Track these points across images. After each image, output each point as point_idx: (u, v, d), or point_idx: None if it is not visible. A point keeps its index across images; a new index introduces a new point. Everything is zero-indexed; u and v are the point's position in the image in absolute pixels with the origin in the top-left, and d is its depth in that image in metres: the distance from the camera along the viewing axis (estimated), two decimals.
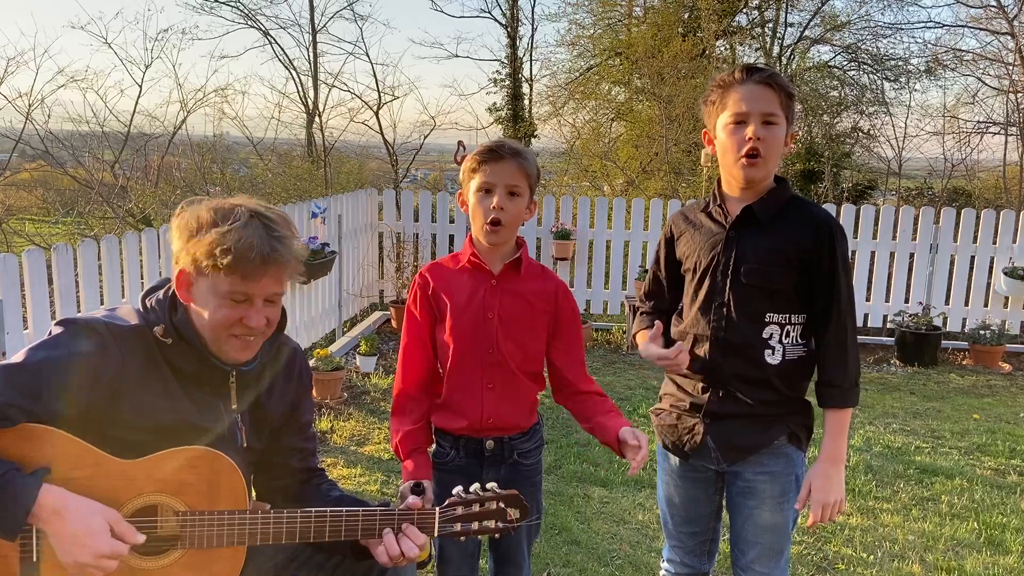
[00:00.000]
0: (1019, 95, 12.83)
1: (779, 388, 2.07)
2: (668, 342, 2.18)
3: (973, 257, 7.11)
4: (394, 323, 7.27)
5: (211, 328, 1.77)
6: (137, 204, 10.91)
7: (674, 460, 2.23)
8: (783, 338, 2.05)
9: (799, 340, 2.08)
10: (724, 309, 2.06)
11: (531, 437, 2.22)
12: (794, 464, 2.12)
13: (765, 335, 2.05)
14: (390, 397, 5.37)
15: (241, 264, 1.69)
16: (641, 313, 2.33)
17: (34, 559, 1.65)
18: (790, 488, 2.11)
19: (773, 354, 2.05)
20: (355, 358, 6.11)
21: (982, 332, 6.83)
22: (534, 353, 2.19)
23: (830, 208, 6.63)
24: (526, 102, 17.01)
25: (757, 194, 2.07)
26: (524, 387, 2.17)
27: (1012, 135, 13.15)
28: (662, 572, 2.40)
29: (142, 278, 4.35)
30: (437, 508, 1.84)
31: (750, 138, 1.97)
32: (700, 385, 2.12)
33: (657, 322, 2.20)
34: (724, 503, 2.26)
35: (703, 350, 2.10)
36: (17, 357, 1.68)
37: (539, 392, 2.25)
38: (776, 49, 15.75)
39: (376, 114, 13.41)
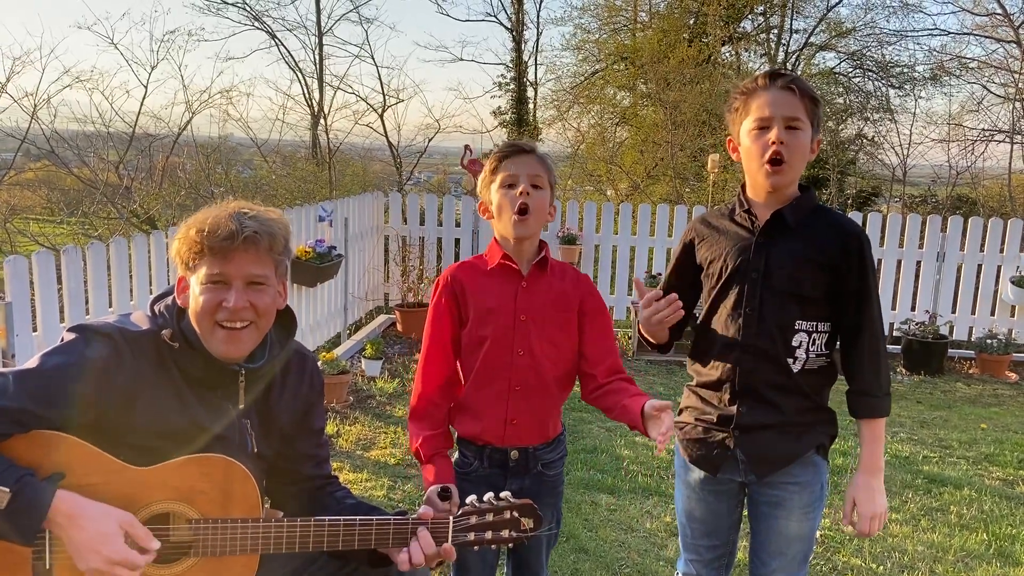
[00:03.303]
0: None
1: (810, 395, 2.06)
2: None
3: (980, 265, 7.09)
4: (399, 327, 7.26)
5: (197, 320, 1.76)
6: (142, 205, 10.92)
7: (697, 474, 2.18)
8: (809, 346, 2.04)
9: (823, 349, 2.06)
10: (756, 314, 2.03)
11: (555, 447, 2.19)
12: (820, 472, 2.11)
13: (794, 343, 2.03)
14: (396, 401, 5.39)
15: (210, 240, 1.72)
16: None
17: (47, 566, 1.64)
18: (817, 496, 2.10)
19: (795, 362, 2.04)
20: (360, 361, 6.10)
21: (989, 341, 6.81)
22: (568, 351, 2.16)
23: None
24: (530, 106, 17.05)
25: (783, 200, 2.04)
26: (550, 392, 2.14)
27: (1017, 143, 13.15)
28: None
29: (150, 281, 4.35)
30: (451, 517, 1.83)
31: (773, 142, 1.95)
32: (727, 396, 2.08)
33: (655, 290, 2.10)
34: (744, 514, 2.24)
35: (731, 356, 2.06)
36: (30, 363, 1.67)
37: (564, 400, 2.22)
38: (781, 55, 15.76)
39: (381, 117, 13.46)
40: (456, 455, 2.21)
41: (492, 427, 2.12)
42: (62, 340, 1.72)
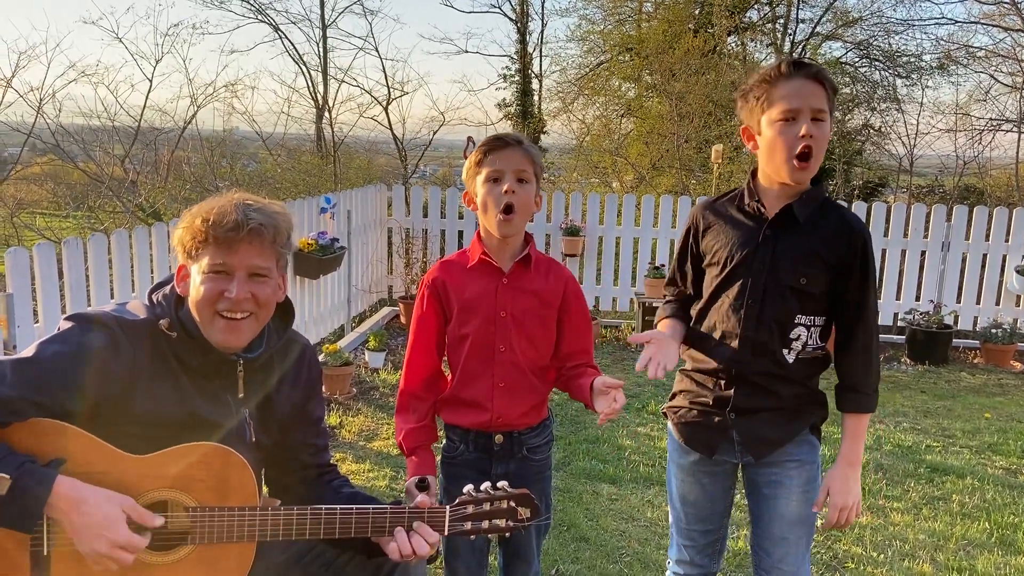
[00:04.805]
0: None
1: (802, 382, 2.07)
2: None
3: (985, 255, 7.07)
4: (403, 319, 7.27)
5: (197, 308, 1.77)
6: (147, 199, 10.95)
7: (691, 457, 2.20)
8: (808, 340, 2.05)
9: (819, 342, 2.07)
10: (758, 308, 2.03)
11: (540, 432, 2.21)
12: (816, 450, 2.13)
13: (792, 336, 2.04)
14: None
15: (215, 230, 1.73)
16: (666, 301, 2.29)
17: (45, 552, 1.65)
18: (815, 476, 2.11)
19: (789, 353, 2.05)
20: (364, 353, 6.12)
21: (994, 331, 6.78)
22: (545, 349, 2.19)
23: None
24: (535, 98, 16.99)
25: (795, 192, 2.03)
26: (534, 386, 2.17)
27: None
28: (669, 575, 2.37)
29: (152, 272, 4.36)
30: (448, 507, 1.83)
31: (803, 136, 1.91)
32: (723, 381, 2.10)
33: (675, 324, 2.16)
34: (738, 499, 2.24)
35: (729, 347, 2.07)
36: (27, 351, 1.68)
37: (549, 389, 2.24)
38: (787, 45, 15.67)
39: (385, 110, 13.45)
40: (444, 441, 2.24)
41: (481, 422, 2.14)
42: (59, 329, 1.73)
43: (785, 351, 2.04)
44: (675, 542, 2.32)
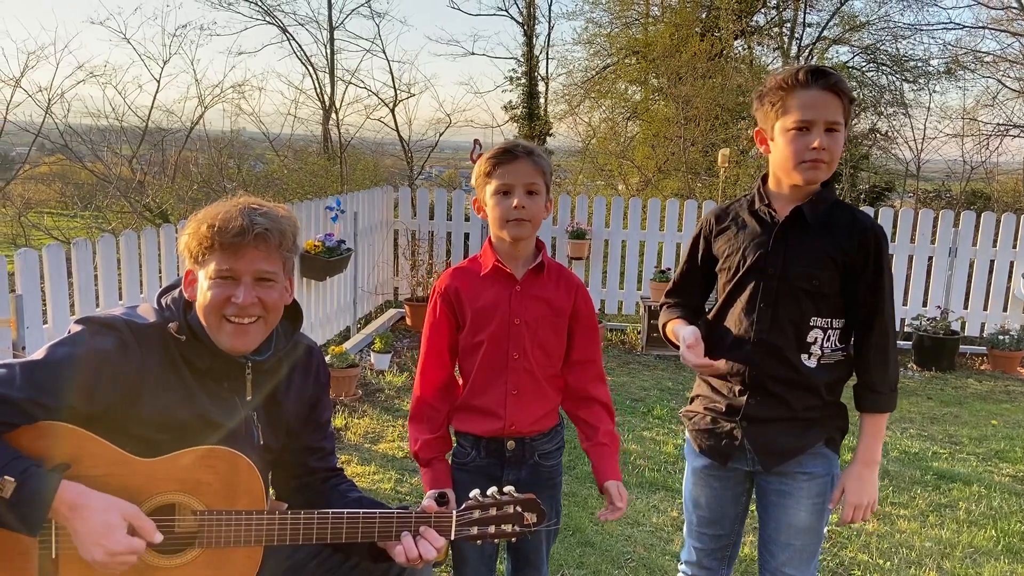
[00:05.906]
0: None
1: (821, 393, 2.06)
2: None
3: (992, 261, 7.05)
4: (408, 321, 7.28)
5: (205, 314, 1.77)
6: (154, 199, 10.98)
7: (702, 461, 2.20)
8: (824, 342, 2.04)
9: (838, 344, 2.07)
10: (771, 311, 2.03)
11: (552, 439, 2.21)
12: (831, 465, 2.12)
13: (809, 339, 2.03)
14: (404, 395, 5.41)
15: (221, 235, 1.74)
16: (668, 306, 2.28)
17: (53, 555, 1.66)
18: (827, 489, 2.10)
19: (810, 358, 2.04)
20: (369, 355, 6.12)
21: (1001, 337, 6.76)
22: (557, 356, 2.19)
23: None
24: (541, 100, 16.99)
25: (805, 196, 2.03)
26: (546, 393, 2.17)
27: None
28: None
29: (160, 273, 4.38)
30: (454, 511, 1.84)
31: (814, 148, 1.91)
32: (737, 388, 2.09)
33: (696, 331, 2.13)
34: (751, 505, 2.24)
35: (743, 351, 2.07)
36: (37, 354, 1.69)
37: (560, 397, 2.24)
38: (794, 49, 15.67)
39: (392, 111, 13.44)
40: (454, 446, 2.23)
41: (494, 429, 2.14)
42: (69, 332, 1.74)
43: (804, 356, 2.04)
44: (686, 543, 2.33)
